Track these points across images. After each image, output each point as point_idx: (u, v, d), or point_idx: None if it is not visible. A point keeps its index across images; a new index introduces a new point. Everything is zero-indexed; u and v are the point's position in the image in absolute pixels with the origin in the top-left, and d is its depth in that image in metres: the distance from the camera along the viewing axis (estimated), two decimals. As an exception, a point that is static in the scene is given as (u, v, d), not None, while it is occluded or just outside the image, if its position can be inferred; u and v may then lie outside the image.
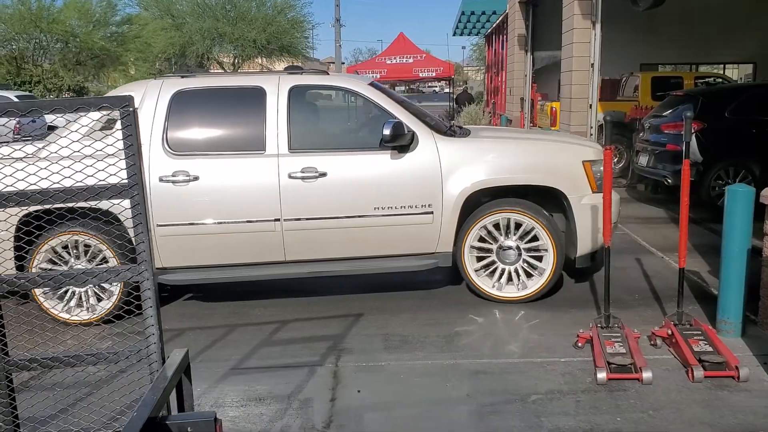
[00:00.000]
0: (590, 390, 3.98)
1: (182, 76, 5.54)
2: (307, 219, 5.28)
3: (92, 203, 4.76)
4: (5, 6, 33.49)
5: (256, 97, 5.35)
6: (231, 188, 5.20)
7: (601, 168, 5.35)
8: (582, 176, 5.43)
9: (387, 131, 5.13)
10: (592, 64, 11.12)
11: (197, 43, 35.57)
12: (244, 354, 4.65)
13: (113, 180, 4.17)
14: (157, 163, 5.23)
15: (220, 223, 5.21)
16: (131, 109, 2.50)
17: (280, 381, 4.20)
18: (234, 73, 6.74)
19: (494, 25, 23.60)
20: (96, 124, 5.26)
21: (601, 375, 4.04)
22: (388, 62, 20.58)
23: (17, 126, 16.48)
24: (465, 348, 4.64)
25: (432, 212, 5.34)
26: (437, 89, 77.47)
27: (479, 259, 5.54)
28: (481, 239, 5.50)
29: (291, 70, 5.79)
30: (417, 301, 5.69)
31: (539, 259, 5.49)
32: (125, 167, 2.52)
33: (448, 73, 21.45)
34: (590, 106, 11.26)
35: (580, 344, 4.57)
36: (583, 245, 5.50)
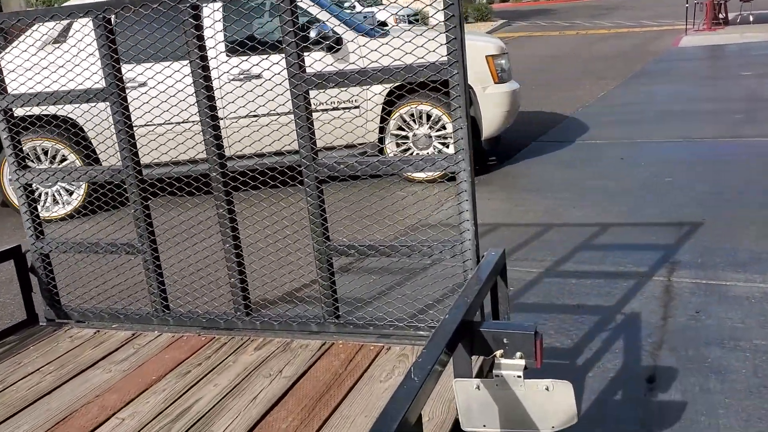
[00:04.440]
0: None
1: None
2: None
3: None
4: None
5: None
6: None
7: (502, 61, 6.25)
8: (486, 69, 6.07)
9: (312, 33, 5.65)
10: None
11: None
12: (559, 256, 4.32)
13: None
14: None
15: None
16: None
17: (601, 290, 3.80)
18: None
19: None
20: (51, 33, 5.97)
21: None
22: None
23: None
24: (840, 275, 3.72)
25: (358, 107, 6.00)
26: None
27: (398, 146, 6.25)
28: (399, 128, 6.18)
29: None
30: (772, 212, 4.74)
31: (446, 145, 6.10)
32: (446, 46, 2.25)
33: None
34: None
35: None
36: (488, 130, 6.21)
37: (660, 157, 6.37)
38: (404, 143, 6.25)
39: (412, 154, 6.23)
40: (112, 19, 2.58)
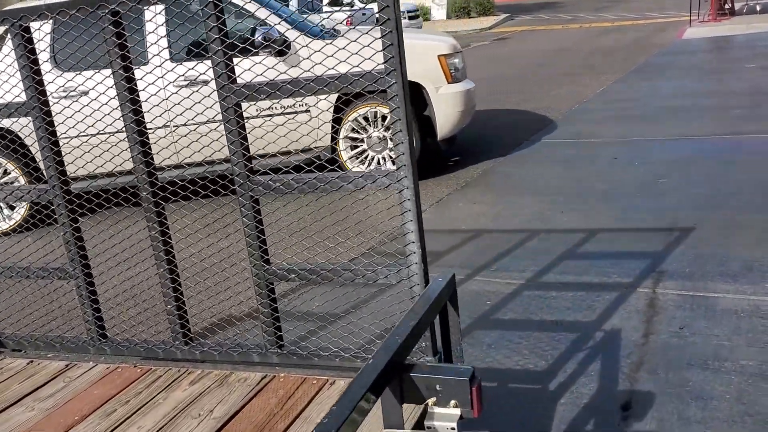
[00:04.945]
0: None
1: None
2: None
3: None
4: None
5: None
6: None
7: (456, 60, 6.05)
8: (438, 69, 5.90)
9: (258, 37, 5.39)
10: None
11: None
12: (542, 266, 4.10)
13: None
14: None
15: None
16: None
17: (582, 303, 3.57)
18: None
19: None
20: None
21: None
22: None
23: (349, 20, 17.35)
24: (838, 285, 3.48)
25: (308, 110, 5.80)
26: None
27: (353, 148, 6.07)
28: (354, 131, 6.01)
29: None
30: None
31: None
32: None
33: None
34: None
35: None
36: (443, 130, 6.05)
37: (655, 156, 6.12)
38: (359, 146, 6.09)
39: (367, 156, 6.10)
40: (32, 27, 2.39)
